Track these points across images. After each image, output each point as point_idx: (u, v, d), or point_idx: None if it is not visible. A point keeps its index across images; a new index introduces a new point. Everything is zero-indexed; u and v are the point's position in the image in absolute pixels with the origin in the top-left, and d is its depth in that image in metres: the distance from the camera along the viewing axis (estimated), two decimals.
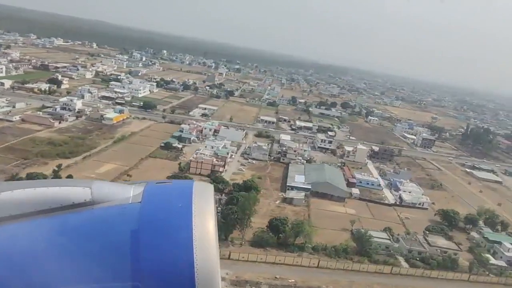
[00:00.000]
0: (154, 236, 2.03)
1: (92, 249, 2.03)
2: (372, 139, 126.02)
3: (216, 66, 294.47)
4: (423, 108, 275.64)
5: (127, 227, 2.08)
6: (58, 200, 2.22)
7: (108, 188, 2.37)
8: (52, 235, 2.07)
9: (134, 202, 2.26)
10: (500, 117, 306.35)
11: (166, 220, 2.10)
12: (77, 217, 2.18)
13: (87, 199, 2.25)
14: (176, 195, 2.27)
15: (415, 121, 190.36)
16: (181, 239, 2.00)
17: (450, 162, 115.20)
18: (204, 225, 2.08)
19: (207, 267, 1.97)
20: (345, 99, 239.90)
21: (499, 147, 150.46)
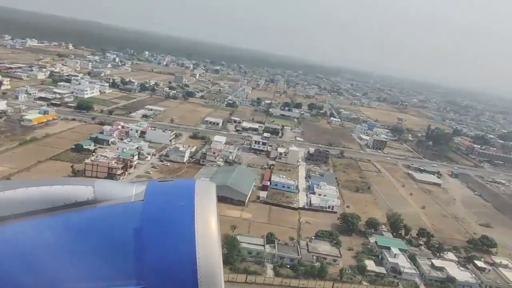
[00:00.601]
0: (157, 234, 2.03)
1: (95, 247, 2.03)
2: (323, 140, 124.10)
3: (195, 67, 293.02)
4: (401, 109, 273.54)
5: (130, 225, 2.08)
6: (61, 199, 2.22)
7: (110, 187, 2.36)
8: (55, 234, 2.07)
9: (137, 201, 2.26)
10: (483, 118, 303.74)
11: (168, 218, 2.09)
12: (80, 216, 2.18)
13: (90, 198, 2.25)
14: (178, 193, 2.26)
15: (385, 123, 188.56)
16: (183, 237, 2.00)
17: (395, 164, 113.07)
18: (206, 223, 2.08)
19: (209, 264, 1.97)
20: (319, 100, 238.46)
21: (460, 148, 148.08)
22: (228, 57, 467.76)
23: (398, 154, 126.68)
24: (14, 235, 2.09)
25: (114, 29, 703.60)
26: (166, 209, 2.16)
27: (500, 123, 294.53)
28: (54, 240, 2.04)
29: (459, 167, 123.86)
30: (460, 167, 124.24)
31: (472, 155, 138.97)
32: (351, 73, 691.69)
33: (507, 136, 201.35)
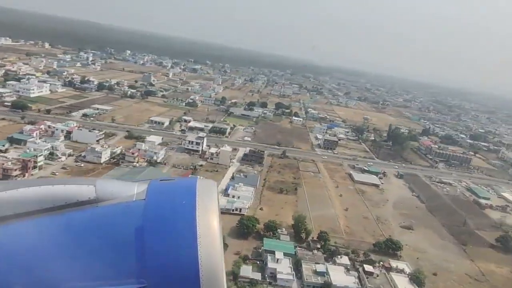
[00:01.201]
0: (159, 233, 2.03)
1: (97, 247, 2.04)
2: (274, 140, 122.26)
3: (172, 66, 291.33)
4: (380, 109, 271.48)
5: (132, 225, 2.08)
6: (63, 198, 2.23)
7: (112, 186, 2.37)
8: (57, 233, 2.07)
9: (138, 200, 2.27)
10: (465, 117, 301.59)
11: (170, 217, 2.10)
12: (81, 215, 2.20)
13: (92, 197, 2.26)
14: (180, 192, 2.26)
15: (354, 122, 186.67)
16: (185, 236, 2.01)
17: (341, 164, 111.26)
18: (208, 221, 2.09)
19: (211, 263, 1.97)
20: (293, 99, 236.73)
21: (420, 148, 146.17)
22: (218, 57, 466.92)
23: (350, 154, 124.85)
24: (16, 234, 2.07)
25: (107, 29, 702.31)
26: (167, 208, 2.15)
27: (482, 123, 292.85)
28: (56, 240, 2.03)
29: (413, 167, 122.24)
30: (413, 167, 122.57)
31: (429, 155, 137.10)
32: (346, 73, 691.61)
33: (478, 136, 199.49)
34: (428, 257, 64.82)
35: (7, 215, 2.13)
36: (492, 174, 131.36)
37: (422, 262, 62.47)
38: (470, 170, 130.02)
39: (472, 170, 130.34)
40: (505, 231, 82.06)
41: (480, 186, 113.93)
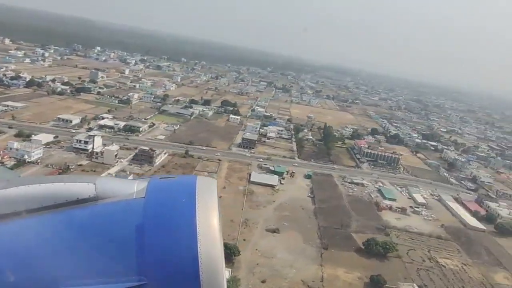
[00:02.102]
0: (159, 231, 2.04)
1: (97, 244, 2.04)
2: (193, 138, 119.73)
3: (137, 63, 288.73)
4: (344, 107, 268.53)
5: (132, 222, 2.09)
6: (63, 196, 2.24)
7: (112, 184, 2.38)
8: (57, 231, 2.08)
9: (138, 197, 2.29)
10: (434, 117, 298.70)
11: (170, 215, 2.11)
12: (81, 213, 2.20)
13: (92, 195, 2.27)
14: (179, 190, 2.28)
15: (302, 121, 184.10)
16: (185, 234, 2.01)
17: (250, 164, 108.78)
18: (208, 219, 2.09)
19: (211, 261, 1.97)
20: (252, 97, 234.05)
21: (354, 147, 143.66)
22: (200, 54, 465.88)
23: (270, 153, 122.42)
24: (17, 232, 2.08)
25: (101, 28, 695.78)
26: (167, 206, 2.17)
27: (451, 122, 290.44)
28: (56, 238, 2.04)
29: (334, 167, 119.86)
30: (335, 167, 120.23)
31: (359, 155, 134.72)
32: (338, 71, 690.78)
33: (430, 135, 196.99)
34: (272, 263, 62.38)
35: (8, 213, 2.12)
36: (420, 174, 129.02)
37: (259, 268, 60.05)
38: (396, 170, 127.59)
39: (397, 170, 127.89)
40: (386, 234, 79.81)
41: (395, 187, 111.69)
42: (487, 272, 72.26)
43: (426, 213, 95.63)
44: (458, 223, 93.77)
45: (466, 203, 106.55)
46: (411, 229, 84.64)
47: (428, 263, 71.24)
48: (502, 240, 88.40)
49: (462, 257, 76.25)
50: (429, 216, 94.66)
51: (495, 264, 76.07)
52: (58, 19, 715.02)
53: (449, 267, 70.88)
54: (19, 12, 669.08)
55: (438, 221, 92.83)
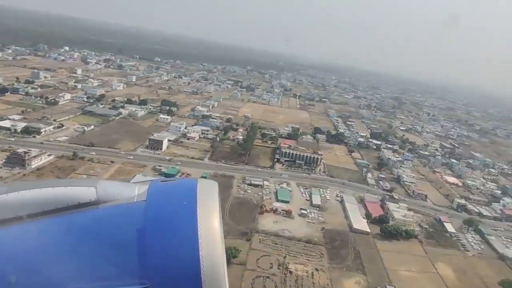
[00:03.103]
0: (160, 234, 2.06)
1: (98, 248, 2.06)
2: (100, 139, 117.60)
3: (98, 62, 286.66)
4: (305, 106, 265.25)
5: (133, 226, 2.12)
6: (64, 200, 2.27)
7: (113, 187, 2.41)
8: (59, 235, 2.10)
9: (139, 201, 2.32)
10: (402, 115, 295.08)
11: (171, 218, 2.12)
12: (83, 217, 2.23)
13: (93, 199, 2.31)
14: (181, 193, 2.30)
15: (242, 120, 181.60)
16: (186, 237, 2.03)
17: (145, 165, 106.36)
18: (209, 222, 2.11)
19: (212, 263, 1.99)
20: (204, 97, 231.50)
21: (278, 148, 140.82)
22: (187, 54, 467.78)
23: (180, 154, 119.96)
24: (19, 237, 2.11)
25: (82, 26, 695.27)
26: (168, 209, 2.19)
27: (419, 120, 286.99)
28: (58, 242, 2.06)
29: (245, 167, 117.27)
30: (245, 167, 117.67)
31: (278, 155, 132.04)
32: (326, 70, 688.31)
33: (378, 134, 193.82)
34: None
35: (9, 218, 2.14)
36: (339, 175, 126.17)
37: None
38: (312, 171, 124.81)
39: (313, 170, 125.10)
40: (247, 239, 77.19)
41: (300, 188, 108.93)
42: (339, 277, 69.59)
43: (314, 216, 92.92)
44: (345, 225, 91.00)
45: (369, 204, 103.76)
46: (283, 233, 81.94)
47: (274, 269, 68.58)
48: (383, 243, 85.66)
49: (321, 262, 73.55)
50: (316, 219, 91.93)
51: (354, 269, 73.36)
52: (44, 19, 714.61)
53: (296, 273, 68.19)
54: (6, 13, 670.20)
55: (323, 223, 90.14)
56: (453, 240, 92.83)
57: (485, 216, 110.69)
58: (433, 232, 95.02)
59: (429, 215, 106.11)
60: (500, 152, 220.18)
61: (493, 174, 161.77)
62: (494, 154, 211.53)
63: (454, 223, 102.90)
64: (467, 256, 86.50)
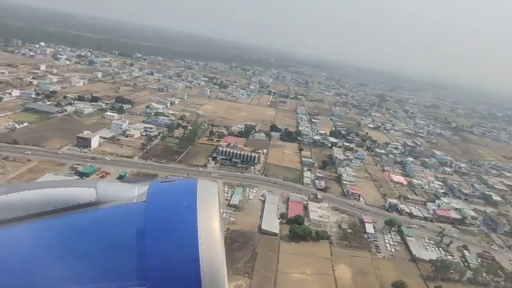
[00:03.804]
0: (160, 235, 2.05)
1: (98, 249, 2.07)
2: (17, 138, 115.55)
3: (68, 59, 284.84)
4: (275, 104, 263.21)
5: (133, 226, 2.12)
6: (64, 201, 2.28)
7: (113, 188, 2.42)
8: (59, 236, 2.10)
9: (139, 201, 2.32)
10: (377, 112, 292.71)
11: (171, 219, 2.12)
12: (83, 217, 2.24)
13: (93, 199, 2.32)
14: (180, 193, 2.30)
15: (204, 117, 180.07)
16: (186, 237, 2.03)
17: (63, 164, 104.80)
18: (209, 223, 2.11)
19: (212, 264, 2.00)
20: (170, 94, 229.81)
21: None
22: (175, 51, 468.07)
23: (110, 152, 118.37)
24: (18, 237, 2.12)
25: (67, 22, 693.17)
26: (168, 210, 2.18)
27: (394, 118, 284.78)
28: (57, 242, 2.06)
29: (168, 167, 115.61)
30: (170, 167, 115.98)
31: (215, 153, 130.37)
32: (318, 66, 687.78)
33: (338, 132, 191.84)
34: None
35: (9, 218, 2.16)
36: (276, 174, 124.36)
37: None
38: (246, 170, 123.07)
39: (247, 170, 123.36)
40: None
41: (224, 187, 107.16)
42: None
43: (225, 216, 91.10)
44: (255, 226, 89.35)
45: (292, 204, 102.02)
46: None
47: None
48: (289, 244, 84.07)
49: None
50: (226, 219, 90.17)
51: (242, 272, 71.68)
52: (35, 14, 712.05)
53: None
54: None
55: (232, 224, 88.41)
56: (368, 241, 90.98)
57: (415, 217, 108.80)
58: (350, 233, 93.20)
59: (356, 215, 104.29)
60: (467, 150, 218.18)
61: (447, 172, 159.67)
62: (460, 152, 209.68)
63: (380, 223, 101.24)
64: (375, 258, 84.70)
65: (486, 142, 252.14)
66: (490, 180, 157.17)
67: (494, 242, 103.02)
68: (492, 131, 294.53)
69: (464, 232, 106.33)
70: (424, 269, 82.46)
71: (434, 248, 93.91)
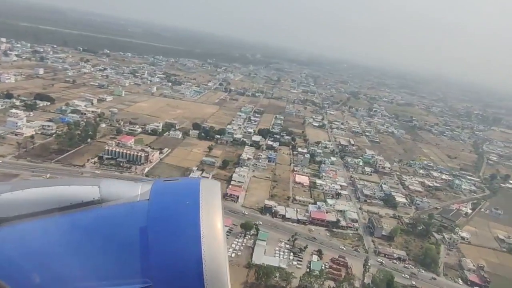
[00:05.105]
0: (163, 233, 2.10)
1: (101, 247, 2.11)
2: None
3: (19, 54, 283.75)
4: (225, 101, 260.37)
5: (136, 225, 2.16)
6: (67, 199, 2.31)
7: (116, 186, 2.45)
8: (62, 234, 2.14)
9: (142, 200, 2.36)
10: (330, 110, 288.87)
11: (174, 218, 2.17)
12: (86, 216, 2.27)
13: (96, 198, 2.35)
14: (183, 192, 2.34)
15: (132, 115, 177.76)
16: (189, 236, 2.07)
17: None
18: (212, 221, 2.15)
19: (215, 263, 2.03)
20: (110, 91, 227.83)
21: None
22: (138, 46, 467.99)
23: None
24: (22, 235, 2.15)
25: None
26: (171, 209, 2.23)
27: (353, 115, 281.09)
28: (61, 240, 2.10)
29: (41, 166, 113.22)
30: (43, 167, 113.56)
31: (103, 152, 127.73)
32: (307, 63, 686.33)
33: (266, 131, 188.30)
34: None
35: (13, 216, 2.18)
36: (162, 174, 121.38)
37: None
38: (129, 170, 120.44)
39: (130, 169, 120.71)
40: None
41: None
42: None
43: None
44: None
45: None
46: None
47: None
48: None
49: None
50: None
51: None
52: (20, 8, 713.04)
53: None
54: None
55: None
56: None
57: (288, 219, 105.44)
58: None
59: None
60: (410, 149, 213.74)
61: (366, 173, 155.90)
62: (401, 152, 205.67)
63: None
64: None
65: (439, 141, 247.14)
66: (409, 180, 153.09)
67: (363, 246, 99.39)
68: (454, 130, 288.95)
69: (336, 235, 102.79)
70: (252, 276, 79.24)
71: (287, 253, 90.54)
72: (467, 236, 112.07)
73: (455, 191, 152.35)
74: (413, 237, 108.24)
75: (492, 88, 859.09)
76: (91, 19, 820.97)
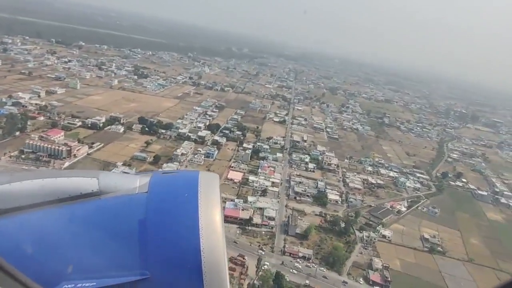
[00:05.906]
0: (161, 225, 2.13)
1: (100, 239, 2.13)
2: None
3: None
4: (187, 95, 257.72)
5: (135, 217, 2.20)
6: (66, 191, 2.34)
7: (115, 179, 2.49)
8: (61, 225, 2.16)
9: (141, 192, 2.39)
10: (297, 106, 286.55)
11: (172, 210, 2.21)
12: (85, 207, 2.30)
13: (95, 190, 2.39)
14: (182, 184, 2.38)
15: (79, 108, 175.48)
16: (187, 228, 2.10)
17: None
18: (210, 214, 2.18)
19: (213, 255, 2.04)
20: (64, 85, 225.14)
21: None
22: (119, 39, 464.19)
23: None
24: (21, 227, 2.15)
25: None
26: (170, 201, 2.28)
27: (323, 111, 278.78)
28: (59, 232, 2.12)
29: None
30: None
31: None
32: (299, 59, 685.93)
33: (216, 126, 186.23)
34: None
35: (12, 207, 2.19)
36: (85, 168, 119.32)
37: None
38: (47, 164, 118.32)
39: (48, 164, 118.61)
40: None
41: None
42: None
43: None
44: None
45: None
46: None
47: None
48: None
49: None
50: None
51: None
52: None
53: None
54: None
55: None
56: None
57: None
58: None
59: None
60: (369, 146, 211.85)
61: (309, 169, 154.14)
62: (359, 148, 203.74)
63: None
64: None
65: (404, 138, 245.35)
66: (351, 178, 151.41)
67: (272, 245, 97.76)
68: (425, 127, 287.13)
69: (247, 233, 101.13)
70: None
71: None
72: (389, 234, 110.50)
73: (398, 189, 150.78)
74: (331, 235, 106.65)
75: (492, 88, 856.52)
76: (79, 11, 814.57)
